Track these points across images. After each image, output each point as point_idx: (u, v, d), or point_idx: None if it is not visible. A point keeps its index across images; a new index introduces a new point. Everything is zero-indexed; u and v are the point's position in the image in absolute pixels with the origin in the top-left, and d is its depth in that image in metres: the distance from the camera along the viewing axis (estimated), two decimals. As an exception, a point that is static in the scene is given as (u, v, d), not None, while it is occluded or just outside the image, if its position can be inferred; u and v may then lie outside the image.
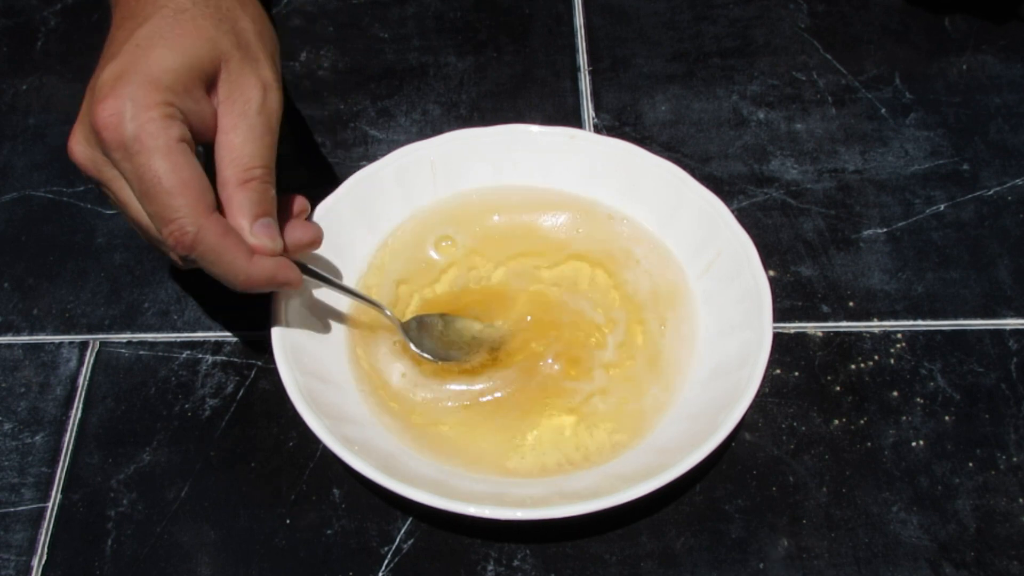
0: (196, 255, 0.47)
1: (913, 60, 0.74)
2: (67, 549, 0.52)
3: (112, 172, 0.47)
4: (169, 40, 0.47)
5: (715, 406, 0.52)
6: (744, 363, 0.53)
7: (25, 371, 0.59)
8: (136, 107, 0.45)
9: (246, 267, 0.48)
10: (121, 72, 0.46)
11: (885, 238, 0.65)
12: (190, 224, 0.46)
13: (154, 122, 0.45)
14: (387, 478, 0.48)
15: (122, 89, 0.45)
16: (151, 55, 0.46)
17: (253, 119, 0.49)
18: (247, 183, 0.48)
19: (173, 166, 0.45)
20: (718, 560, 0.52)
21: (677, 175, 0.60)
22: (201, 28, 0.48)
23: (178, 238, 0.46)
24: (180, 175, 0.45)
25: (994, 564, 0.52)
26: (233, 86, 0.49)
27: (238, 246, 0.47)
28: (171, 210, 0.45)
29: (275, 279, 0.49)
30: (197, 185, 0.46)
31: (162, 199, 0.45)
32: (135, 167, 0.45)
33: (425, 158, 0.62)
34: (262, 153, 0.49)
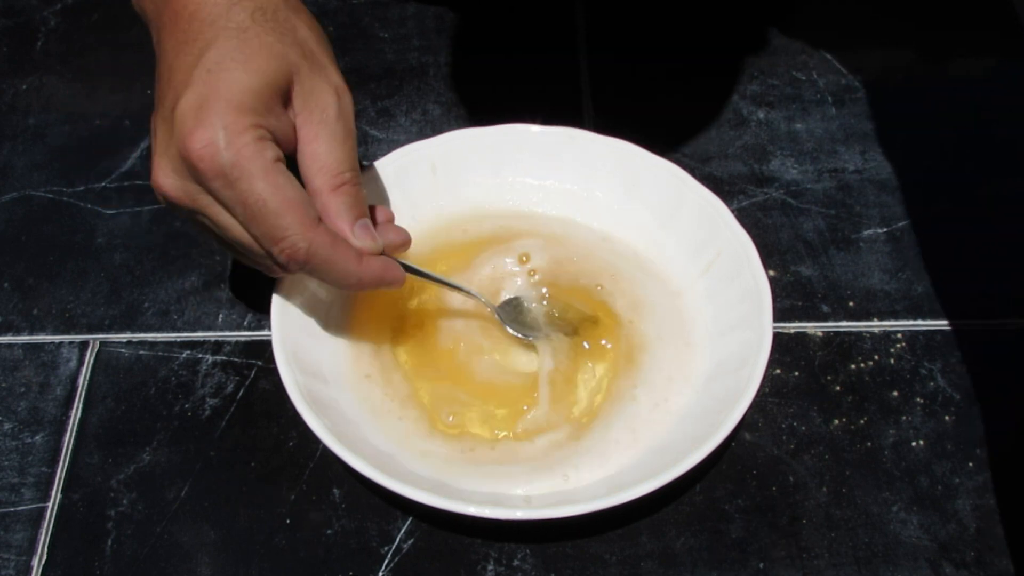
0: (310, 268, 0.48)
1: (913, 60, 0.74)
2: (67, 549, 0.52)
3: (207, 199, 0.47)
4: (241, 62, 0.47)
5: (715, 406, 0.52)
6: (744, 363, 0.53)
7: (25, 371, 0.59)
8: (229, 134, 0.45)
9: (357, 270, 0.49)
10: (202, 100, 0.46)
11: (885, 238, 0.64)
12: (301, 240, 0.47)
13: (249, 146, 0.45)
14: (387, 478, 0.49)
15: (209, 118, 0.45)
16: (228, 79, 0.46)
17: (333, 126, 0.49)
18: (339, 188, 0.49)
19: (276, 187, 0.46)
20: (718, 560, 0.52)
21: (677, 175, 0.60)
22: (268, 45, 0.48)
23: (291, 255, 0.47)
24: (284, 195, 0.46)
25: (994, 564, 0.52)
26: (308, 96, 0.49)
27: (347, 252, 0.49)
28: (280, 229, 0.46)
29: (384, 278, 0.51)
30: (300, 201, 0.47)
31: (270, 220, 0.46)
32: (238, 193, 0.46)
33: (426, 158, 0.62)
34: (348, 157, 0.50)
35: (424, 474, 0.51)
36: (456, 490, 0.50)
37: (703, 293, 0.58)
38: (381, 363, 0.56)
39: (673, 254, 0.60)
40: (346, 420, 0.52)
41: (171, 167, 0.47)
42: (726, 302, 0.57)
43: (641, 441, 0.53)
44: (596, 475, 0.52)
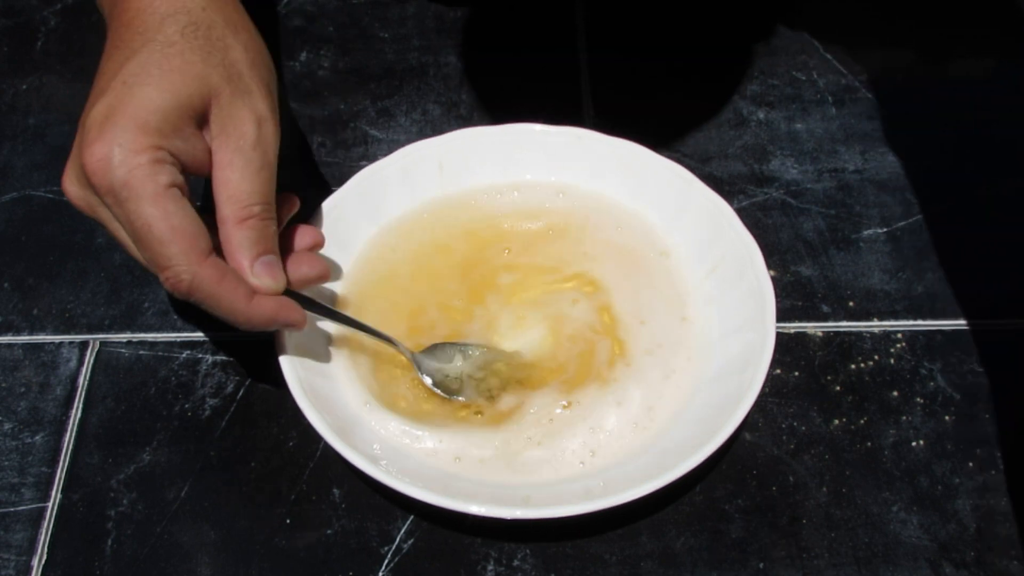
0: (194, 300, 0.47)
1: (913, 60, 0.74)
2: (67, 549, 0.52)
3: (106, 212, 0.47)
4: (156, 78, 0.46)
5: (716, 408, 0.52)
6: (747, 365, 0.53)
7: (25, 371, 0.59)
8: (124, 152, 0.44)
9: (245, 310, 0.47)
10: (108, 112, 0.45)
11: (885, 238, 0.64)
12: (184, 272, 0.45)
13: (142, 168, 0.44)
14: (388, 476, 0.48)
15: (110, 132, 0.44)
16: (138, 95, 0.45)
17: (249, 154, 0.48)
18: (245, 221, 0.47)
19: (164, 213, 0.45)
20: (718, 560, 0.52)
21: (683, 176, 0.60)
22: (190, 63, 0.47)
23: (173, 284, 0.46)
24: (170, 222, 0.45)
25: (994, 564, 0.52)
26: (226, 121, 0.48)
27: (236, 289, 0.47)
28: (164, 258, 0.45)
29: (276, 320, 0.49)
30: (190, 231, 0.45)
31: (154, 247, 0.45)
32: (126, 213, 0.45)
33: (432, 157, 0.62)
34: (260, 189, 0.48)
35: (424, 472, 0.51)
36: (457, 489, 0.50)
37: (707, 295, 0.58)
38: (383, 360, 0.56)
39: (678, 255, 0.60)
40: (347, 417, 0.52)
41: (75, 174, 0.47)
42: (730, 304, 0.57)
43: (642, 442, 0.53)
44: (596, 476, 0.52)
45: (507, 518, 0.48)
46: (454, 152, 0.62)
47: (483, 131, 0.63)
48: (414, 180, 0.62)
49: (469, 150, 0.62)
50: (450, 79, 0.73)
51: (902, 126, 0.70)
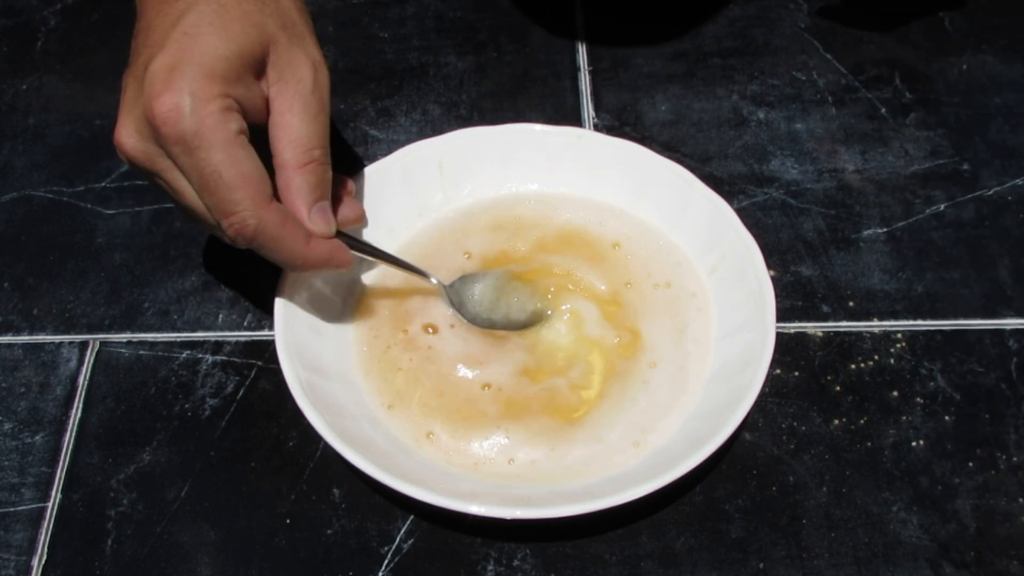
0: (256, 245, 0.48)
1: (913, 60, 0.74)
2: (67, 549, 0.52)
3: (166, 163, 0.47)
4: (218, 27, 0.46)
5: (716, 408, 0.52)
6: (747, 366, 0.53)
7: (25, 371, 0.59)
8: (195, 101, 0.45)
9: (304, 252, 0.49)
10: (174, 63, 0.45)
11: (885, 238, 0.64)
12: (251, 217, 0.46)
13: (213, 116, 0.45)
14: (388, 476, 0.48)
15: (179, 82, 0.45)
16: (202, 44, 0.46)
17: (308, 99, 0.49)
18: (307, 165, 0.49)
19: (234, 160, 0.45)
20: (718, 560, 0.52)
21: (684, 177, 0.60)
22: (247, 13, 0.47)
23: (239, 230, 0.47)
24: (240, 169, 0.46)
25: (994, 564, 0.52)
26: (284, 68, 0.48)
27: (296, 233, 0.48)
28: (231, 203, 0.46)
29: (331, 261, 0.51)
30: (256, 177, 0.47)
31: (222, 193, 0.46)
32: (195, 161, 0.45)
33: (432, 157, 0.62)
34: (319, 133, 0.49)
35: (424, 472, 0.51)
36: (457, 489, 0.50)
37: (708, 295, 0.58)
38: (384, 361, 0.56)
39: (679, 255, 0.60)
40: (347, 417, 0.52)
41: (135, 127, 0.46)
42: (730, 304, 0.57)
43: (641, 442, 0.53)
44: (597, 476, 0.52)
45: (507, 518, 0.48)
46: (454, 152, 0.62)
47: (483, 131, 0.63)
48: (414, 180, 0.62)
49: (469, 150, 0.62)
50: (450, 79, 0.73)
51: (902, 126, 0.70)
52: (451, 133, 0.63)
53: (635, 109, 0.71)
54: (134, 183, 0.67)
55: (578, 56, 0.74)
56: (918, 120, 0.71)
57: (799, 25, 0.76)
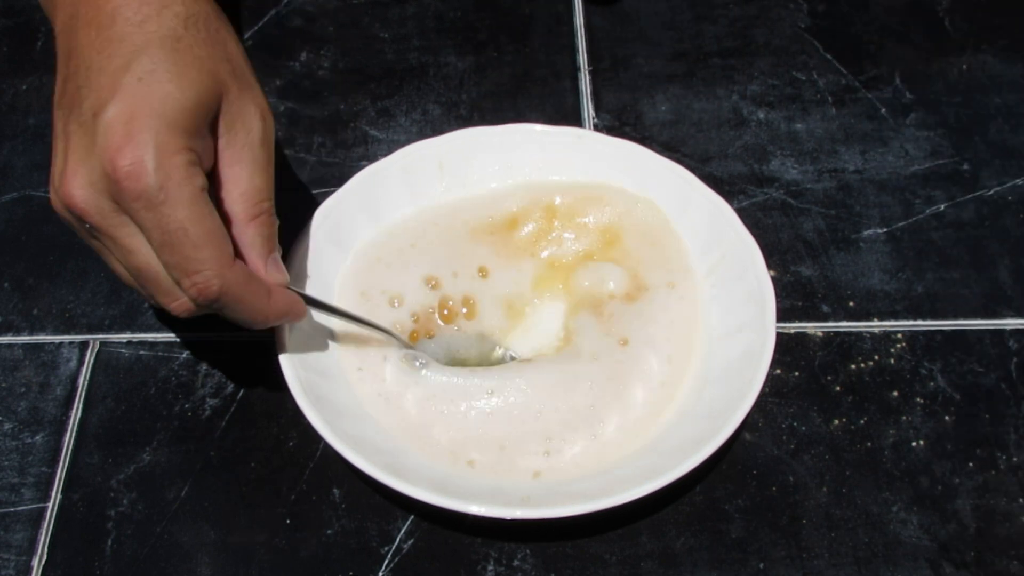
0: (219, 305, 0.46)
1: (913, 60, 0.74)
2: (67, 549, 0.52)
3: (118, 219, 0.45)
4: (174, 75, 0.44)
5: (717, 408, 0.52)
6: (747, 366, 0.53)
7: (25, 371, 0.59)
8: (160, 155, 0.43)
9: (265, 308, 0.48)
10: (132, 113, 0.43)
11: (885, 238, 0.65)
12: (215, 276, 0.45)
13: (178, 170, 0.43)
14: (389, 476, 0.48)
15: (140, 134, 0.43)
16: (159, 92, 0.44)
17: (257, 151, 0.47)
18: (257, 218, 0.48)
19: (199, 217, 0.44)
20: (718, 560, 0.52)
21: (683, 176, 0.60)
22: (200, 59, 0.46)
23: (202, 290, 0.45)
24: (205, 226, 0.44)
25: (994, 564, 0.52)
26: (235, 118, 0.47)
27: (259, 291, 0.47)
28: (196, 262, 0.44)
29: (289, 314, 0.50)
30: (220, 236, 0.45)
31: (187, 251, 0.44)
32: (159, 218, 0.43)
33: (432, 157, 0.62)
34: (268, 185, 0.48)
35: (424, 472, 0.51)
36: (458, 489, 0.50)
37: (707, 295, 0.58)
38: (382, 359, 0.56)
39: (678, 255, 0.60)
40: (347, 417, 0.52)
41: (87, 179, 0.44)
42: (730, 304, 0.57)
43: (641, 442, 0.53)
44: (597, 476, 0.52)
45: (507, 518, 0.48)
46: (454, 152, 0.62)
47: (483, 131, 0.63)
48: (414, 180, 0.62)
49: (469, 150, 0.62)
50: (450, 79, 0.73)
51: (902, 126, 0.70)
52: (451, 133, 0.63)
53: (635, 109, 0.71)
54: (134, 183, 0.67)
55: (578, 56, 0.74)
56: (918, 120, 0.71)
57: (799, 25, 0.76)
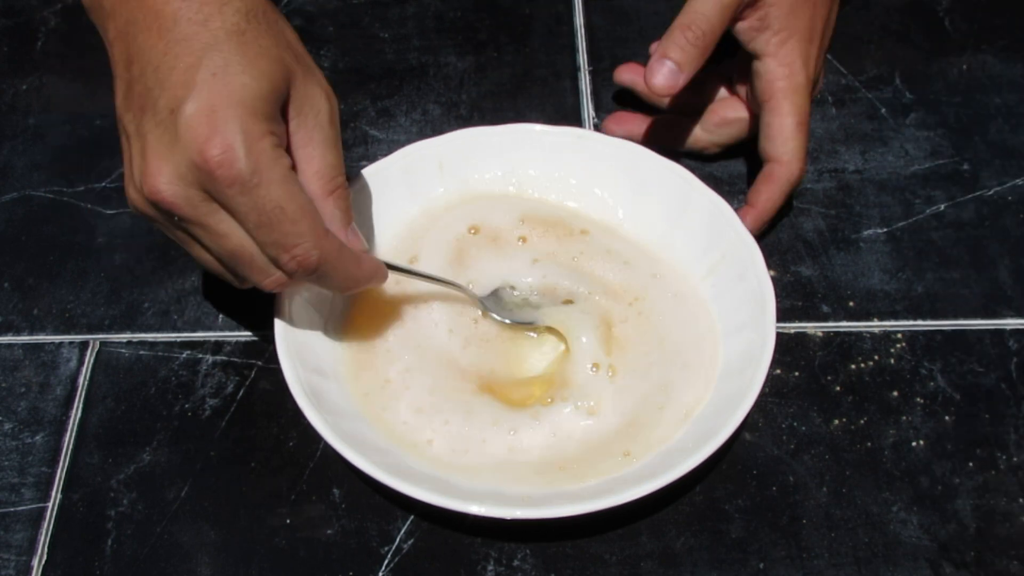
0: (319, 274, 0.48)
1: (913, 60, 0.74)
2: (67, 549, 0.52)
3: (209, 207, 0.46)
4: (246, 66, 0.46)
5: (716, 408, 0.52)
6: (747, 366, 0.53)
7: (25, 371, 0.59)
8: (248, 140, 0.45)
9: (356, 274, 0.50)
10: (213, 106, 0.45)
11: (885, 238, 0.65)
12: (314, 248, 0.47)
13: (267, 153, 0.45)
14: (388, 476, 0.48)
15: (225, 124, 0.44)
16: (235, 84, 0.45)
17: (327, 130, 0.49)
18: (334, 192, 0.49)
19: (293, 194, 0.46)
20: (718, 560, 0.52)
21: (684, 177, 0.60)
22: (266, 49, 0.47)
23: (302, 261, 0.47)
24: (299, 202, 0.46)
25: (994, 564, 0.52)
26: (303, 100, 0.49)
27: (350, 257, 0.49)
28: (295, 236, 0.46)
29: (375, 277, 0.52)
30: (312, 209, 0.47)
31: (286, 227, 0.46)
32: (255, 200, 0.45)
33: (432, 156, 0.62)
34: (339, 161, 0.50)
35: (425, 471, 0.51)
36: (457, 489, 0.50)
37: (707, 296, 0.58)
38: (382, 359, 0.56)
39: (679, 256, 0.60)
40: (347, 416, 0.52)
41: (175, 173, 0.45)
42: (730, 305, 0.57)
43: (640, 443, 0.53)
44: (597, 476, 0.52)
45: (507, 518, 0.48)
46: (454, 152, 0.62)
47: (483, 131, 0.63)
48: (414, 180, 0.62)
49: (469, 150, 0.63)
50: (450, 79, 0.73)
51: (902, 126, 0.70)
52: (451, 133, 0.63)
53: (635, 109, 0.71)
54: (134, 183, 0.67)
55: (578, 56, 0.74)
56: (918, 120, 0.71)
57: (799, 25, 0.76)
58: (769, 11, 0.59)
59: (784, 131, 0.60)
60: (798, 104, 0.60)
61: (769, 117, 0.61)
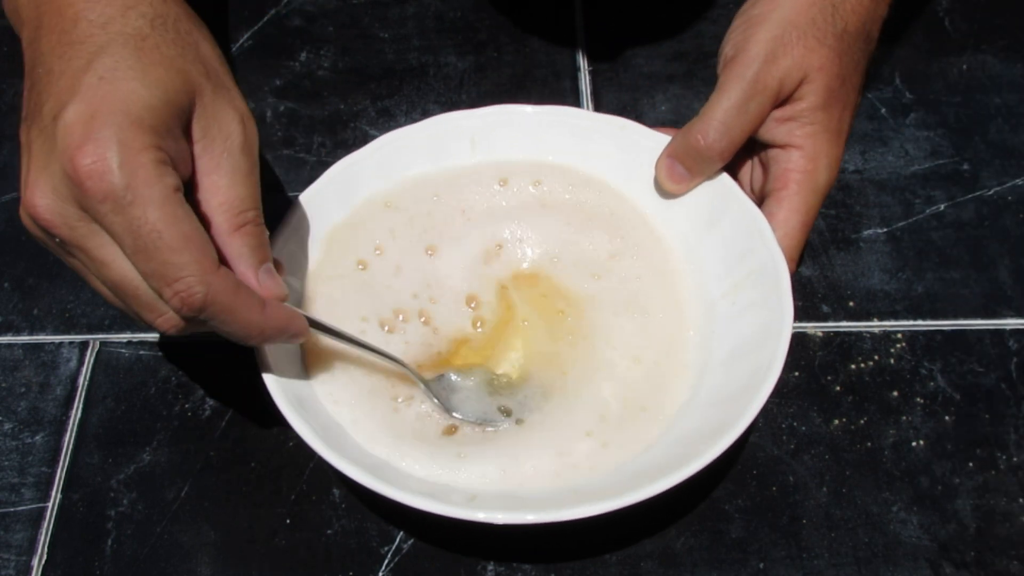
0: (207, 315, 0.42)
1: (913, 60, 0.74)
2: (67, 549, 0.52)
3: (88, 228, 0.41)
4: (138, 72, 0.41)
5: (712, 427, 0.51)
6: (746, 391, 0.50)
7: (25, 371, 0.59)
8: (124, 151, 0.40)
9: (260, 321, 0.44)
10: (93, 111, 0.40)
11: (885, 238, 0.65)
12: (198, 283, 0.41)
13: (146, 168, 0.40)
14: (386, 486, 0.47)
15: (102, 131, 0.40)
16: (124, 90, 0.41)
17: (237, 157, 0.45)
18: (242, 228, 0.45)
19: (174, 219, 0.41)
20: (718, 560, 0.52)
21: (725, 183, 0.56)
22: (168, 58, 0.43)
23: (185, 299, 0.41)
24: (181, 228, 0.41)
25: (994, 564, 0.52)
26: (210, 121, 0.44)
27: (250, 299, 0.44)
28: (175, 268, 0.41)
29: (288, 329, 0.46)
30: (200, 240, 0.42)
31: (163, 256, 0.41)
32: (129, 220, 0.40)
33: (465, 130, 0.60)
34: (252, 193, 0.45)
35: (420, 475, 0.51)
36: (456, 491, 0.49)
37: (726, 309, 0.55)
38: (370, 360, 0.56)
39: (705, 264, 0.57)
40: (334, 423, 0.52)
41: (49, 186, 0.41)
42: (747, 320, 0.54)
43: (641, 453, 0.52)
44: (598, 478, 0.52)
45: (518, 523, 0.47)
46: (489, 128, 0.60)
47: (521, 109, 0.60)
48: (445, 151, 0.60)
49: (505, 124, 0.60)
50: (450, 79, 0.73)
51: (902, 126, 0.70)
52: (487, 108, 0.60)
53: (635, 109, 0.71)
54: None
55: (578, 56, 0.74)
56: (918, 120, 0.71)
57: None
58: (800, 103, 0.53)
59: (787, 226, 0.53)
60: (811, 204, 0.54)
61: (775, 207, 0.54)
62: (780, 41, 0.52)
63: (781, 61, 0.52)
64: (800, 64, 0.52)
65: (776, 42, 0.52)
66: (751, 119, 0.53)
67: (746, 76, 0.52)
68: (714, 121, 0.53)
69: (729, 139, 0.53)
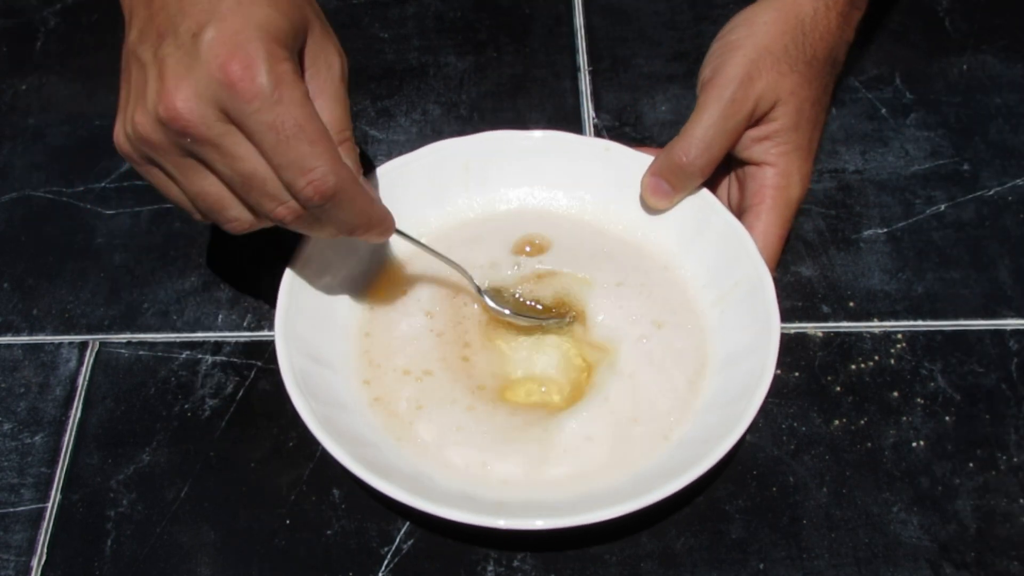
0: (332, 203, 0.47)
1: (913, 60, 0.74)
2: (67, 549, 0.52)
3: (226, 127, 0.46)
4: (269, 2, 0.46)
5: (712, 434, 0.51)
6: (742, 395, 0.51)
7: (25, 371, 0.59)
8: (270, 59, 0.45)
9: (370, 211, 0.50)
10: (238, 28, 0.45)
11: (885, 238, 0.64)
12: (331, 172, 0.46)
13: (289, 74, 0.45)
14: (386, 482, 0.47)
15: (250, 43, 0.44)
16: (259, 14, 0.45)
17: (338, 85, 0.50)
18: (343, 144, 0.49)
19: (312, 117, 0.46)
20: (718, 560, 0.52)
21: (705, 199, 0.59)
22: None
23: (318, 186, 0.46)
24: (318, 124, 0.46)
25: (994, 564, 0.52)
26: (318, 52, 0.49)
27: (366, 192, 0.49)
28: (313, 158, 0.46)
29: (384, 222, 0.51)
30: (330, 137, 0.47)
31: (303, 148, 0.45)
32: (275, 116, 0.45)
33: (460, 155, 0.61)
34: (348, 117, 0.50)
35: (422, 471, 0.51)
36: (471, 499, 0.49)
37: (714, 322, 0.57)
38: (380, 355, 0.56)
39: (691, 278, 0.59)
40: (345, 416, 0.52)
41: (192, 89, 0.45)
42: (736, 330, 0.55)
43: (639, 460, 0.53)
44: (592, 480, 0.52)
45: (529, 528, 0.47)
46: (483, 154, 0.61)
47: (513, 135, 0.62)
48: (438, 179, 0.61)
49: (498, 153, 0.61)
50: (450, 79, 0.73)
51: (902, 126, 0.70)
52: (481, 134, 0.61)
53: (635, 109, 0.71)
54: (134, 183, 0.67)
55: (578, 56, 0.74)
56: (918, 120, 0.71)
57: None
58: (773, 124, 0.57)
59: (766, 238, 0.57)
60: (786, 218, 0.58)
61: (754, 220, 0.58)
62: (756, 65, 0.57)
63: (757, 83, 0.56)
64: (774, 87, 0.57)
65: (752, 66, 0.57)
66: (729, 136, 0.57)
67: (724, 96, 0.56)
68: (695, 139, 0.57)
69: (709, 156, 0.57)
